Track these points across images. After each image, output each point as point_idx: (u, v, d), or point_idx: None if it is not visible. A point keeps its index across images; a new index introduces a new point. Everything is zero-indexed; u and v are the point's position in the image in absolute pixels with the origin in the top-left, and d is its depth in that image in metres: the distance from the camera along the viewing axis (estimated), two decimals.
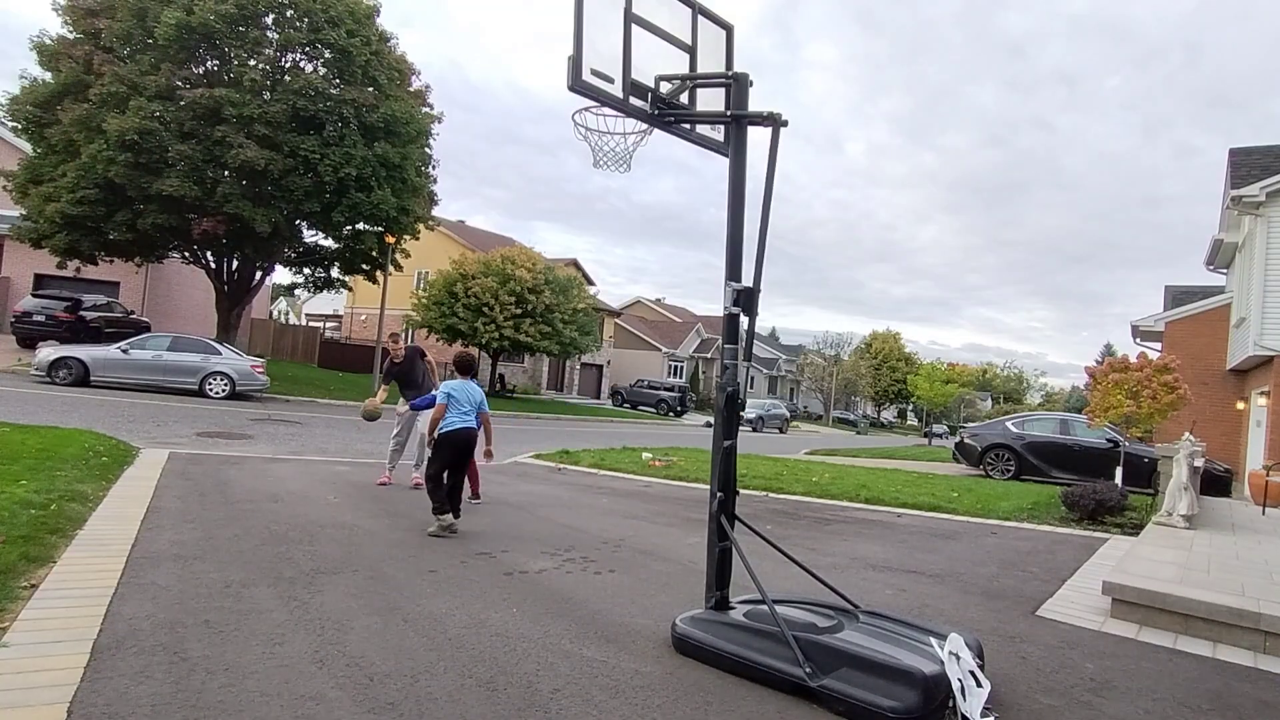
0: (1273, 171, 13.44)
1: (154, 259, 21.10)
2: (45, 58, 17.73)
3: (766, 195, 3.39)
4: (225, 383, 15.59)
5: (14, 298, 21.98)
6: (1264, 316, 12.80)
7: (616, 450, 12.71)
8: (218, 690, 2.51)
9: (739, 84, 3.54)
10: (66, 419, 9.58)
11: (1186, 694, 3.21)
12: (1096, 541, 6.70)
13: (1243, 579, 4.76)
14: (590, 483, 9.00)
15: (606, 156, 3.75)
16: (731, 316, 3.45)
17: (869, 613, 3.37)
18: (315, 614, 3.34)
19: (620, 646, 3.26)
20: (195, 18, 16.50)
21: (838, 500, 8.63)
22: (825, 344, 66.66)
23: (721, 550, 3.46)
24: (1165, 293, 21.03)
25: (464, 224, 41.91)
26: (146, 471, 6.56)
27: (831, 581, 3.67)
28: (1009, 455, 14.30)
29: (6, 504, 4.43)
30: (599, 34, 3.27)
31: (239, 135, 17.03)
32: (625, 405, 37.56)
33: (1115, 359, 10.73)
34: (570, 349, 28.22)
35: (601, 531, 5.83)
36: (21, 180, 18.26)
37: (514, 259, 26.61)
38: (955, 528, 7.25)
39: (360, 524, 5.36)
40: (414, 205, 20.54)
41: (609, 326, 42.90)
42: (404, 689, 2.64)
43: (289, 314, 61.28)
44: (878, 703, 2.64)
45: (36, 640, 2.80)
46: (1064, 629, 4.06)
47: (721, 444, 3.47)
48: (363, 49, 18.42)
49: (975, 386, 65.55)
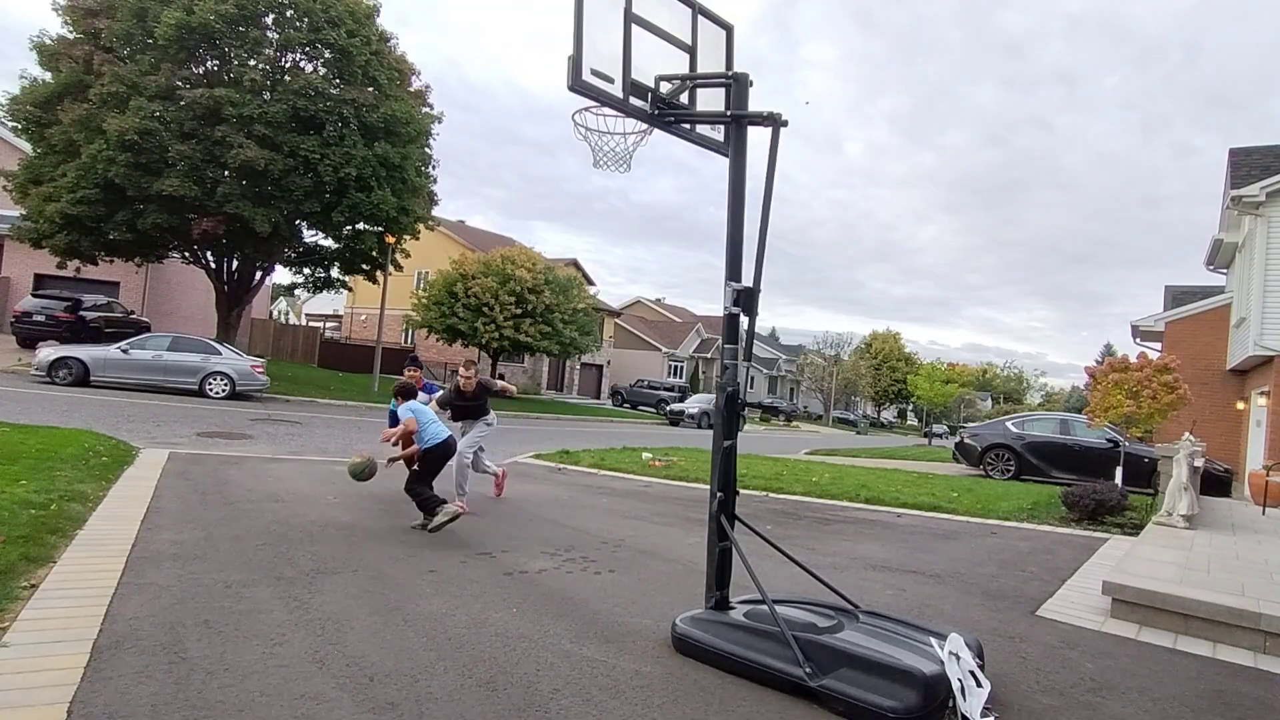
0: (1273, 171, 13.44)
1: (154, 259, 21.09)
2: (45, 58, 17.73)
3: (767, 195, 3.39)
4: (225, 383, 15.58)
5: (14, 298, 21.98)
6: (1264, 316, 12.80)
7: (616, 450, 12.71)
8: (218, 690, 2.51)
9: (739, 84, 3.54)
10: (66, 419, 9.58)
11: (1186, 694, 3.21)
12: (1096, 541, 6.70)
13: (1243, 579, 4.76)
14: (590, 483, 9.00)
15: (607, 156, 3.75)
16: (731, 316, 3.45)
17: (869, 613, 3.37)
18: (315, 614, 3.34)
19: (620, 646, 3.26)
20: (195, 18, 16.50)
21: (838, 500, 8.63)
22: (825, 344, 66.71)
23: (721, 550, 3.46)
24: (1165, 293, 21.03)
25: (464, 224, 41.94)
26: (146, 471, 6.56)
27: (831, 581, 3.67)
28: (1009, 455, 14.30)
29: (6, 504, 4.43)
30: (599, 34, 3.27)
31: (239, 135, 17.03)
32: (625, 405, 37.55)
33: (1115, 359, 10.73)
34: (570, 349, 28.22)
35: (601, 531, 5.83)
36: (21, 180, 18.26)
37: (514, 259, 26.61)
38: (955, 528, 7.25)
39: (360, 524, 5.36)
40: (414, 205, 20.55)
41: (609, 326, 42.92)
42: (404, 689, 2.64)
43: (289, 314, 61.29)
44: (878, 703, 2.64)
45: (36, 640, 2.80)
46: (1064, 629, 4.06)
47: (721, 444, 3.47)
48: (363, 49, 18.42)
49: (975, 386, 65.57)
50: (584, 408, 31.39)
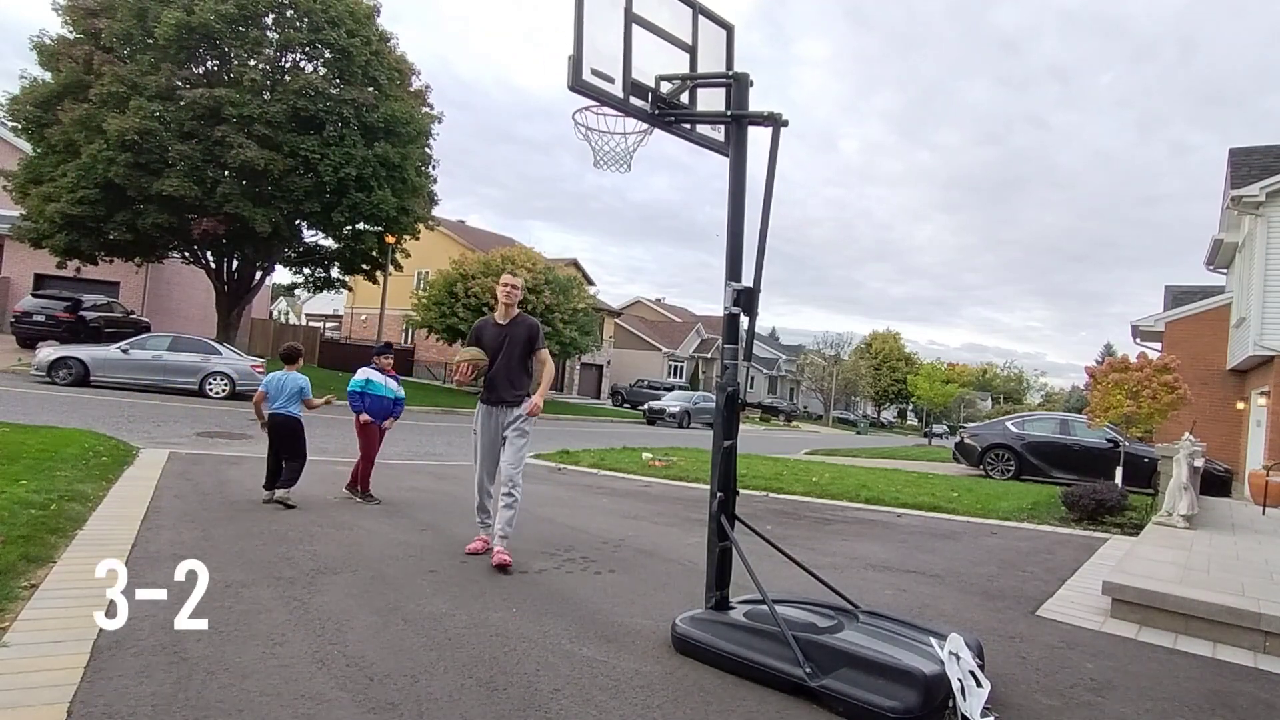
0: (1273, 171, 13.44)
1: (154, 259, 21.11)
2: (45, 58, 17.75)
3: (767, 195, 3.39)
4: (225, 383, 15.59)
5: (14, 298, 21.99)
6: (1264, 316, 12.80)
7: (616, 450, 12.70)
8: (218, 690, 2.51)
9: (739, 84, 3.53)
10: (66, 419, 9.57)
11: (1186, 694, 3.21)
12: (1096, 541, 6.69)
13: (1243, 579, 4.75)
14: (590, 483, 9.00)
15: (607, 156, 3.74)
16: (731, 316, 3.45)
17: (869, 613, 3.37)
18: (315, 614, 3.34)
19: (620, 646, 3.25)
20: (195, 18, 16.52)
21: (838, 500, 8.62)
22: (825, 344, 66.69)
23: (721, 550, 3.46)
24: (1165, 293, 21.04)
25: (464, 224, 41.94)
26: (146, 471, 6.55)
27: (831, 581, 3.67)
28: (1009, 455, 14.30)
29: (6, 504, 4.43)
30: (599, 34, 3.27)
31: (239, 135, 17.04)
32: (625, 405, 37.55)
33: (1115, 359, 10.73)
34: (570, 349, 28.20)
35: (601, 531, 5.83)
36: (21, 180, 18.27)
37: (514, 259, 26.60)
38: (955, 528, 7.24)
39: (360, 524, 5.36)
40: (414, 205, 20.57)
41: (609, 326, 42.90)
42: (404, 689, 2.64)
43: (289, 314, 61.29)
44: (878, 703, 2.64)
45: (36, 640, 2.79)
46: (1064, 629, 4.06)
47: (721, 444, 3.47)
48: (363, 49, 18.44)
49: (975, 386, 65.60)
50: (584, 408, 31.39)
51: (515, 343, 4.62)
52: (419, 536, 5.12)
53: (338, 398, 6.67)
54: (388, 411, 6.47)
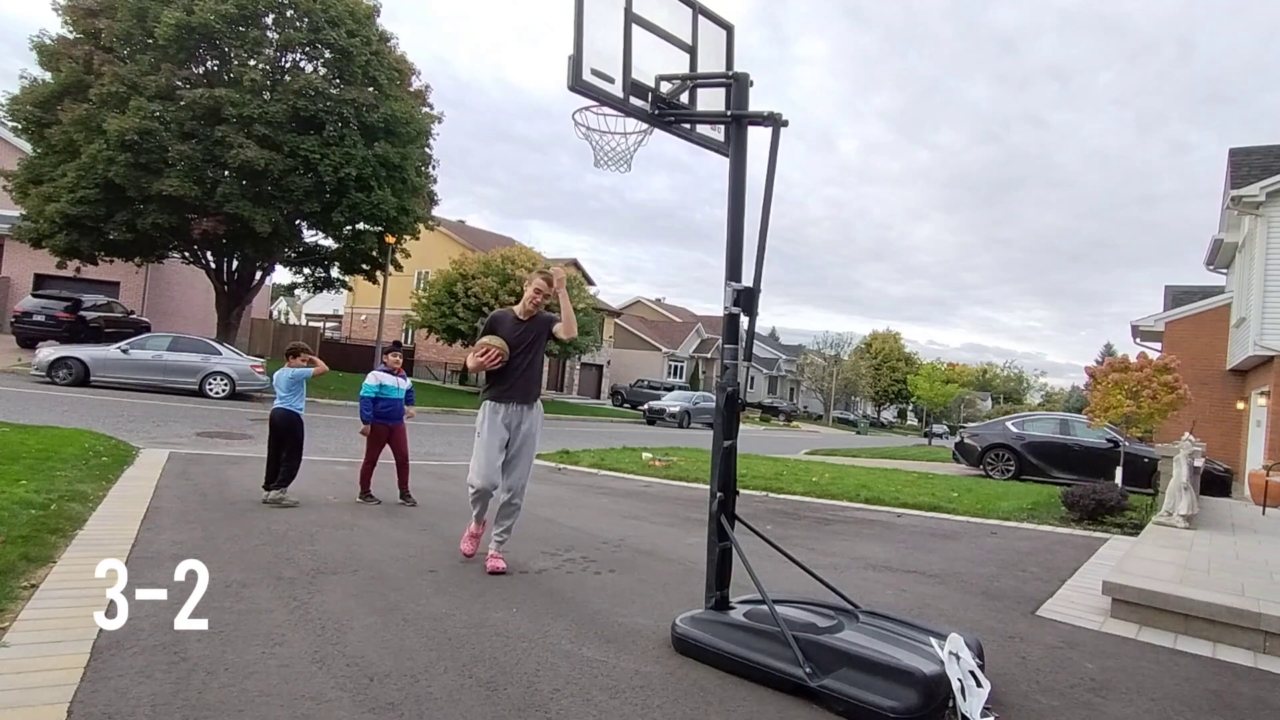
0: (1273, 171, 13.44)
1: (154, 259, 21.10)
2: (45, 58, 17.74)
3: (767, 195, 3.38)
4: (225, 383, 15.59)
5: (14, 298, 21.99)
6: (1264, 316, 12.80)
7: (616, 450, 12.70)
8: (218, 690, 2.51)
9: (739, 84, 3.53)
10: (66, 419, 9.58)
11: (1186, 694, 3.21)
12: (1096, 541, 6.69)
13: (1243, 579, 4.75)
14: (590, 483, 9.00)
15: (607, 156, 3.74)
16: (731, 316, 3.45)
17: (869, 613, 3.37)
18: (315, 614, 3.34)
19: (620, 646, 3.25)
20: (195, 18, 16.52)
21: (838, 500, 8.62)
22: (825, 344, 66.67)
23: (721, 550, 3.46)
24: (1165, 293, 21.04)
25: (464, 224, 41.96)
26: (146, 471, 6.55)
27: (831, 581, 3.67)
28: (1009, 455, 14.30)
29: (6, 504, 4.43)
30: (599, 33, 3.27)
31: (239, 135, 17.04)
32: (626, 405, 37.55)
33: (1115, 359, 10.74)
34: (570, 349, 28.23)
35: (601, 531, 5.83)
36: (21, 180, 18.26)
37: (514, 259, 26.62)
38: (955, 528, 7.24)
39: (360, 524, 5.36)
40: (414, 205, 20.56)
41: (609, 326, 42.90)
42: (404, 689, 2.64)
43: (289, 314, 61.28)
44: (878, 703, 2.64)
45: (36, 640, 2.79)
46: (1064, 629, 4.06)
47: (721, 444, 3.47)
48: (363, 49, 18.44)
49: (975, 386, 65.63)
50: (584, 408, 31.39)
51: (538, 340, 4.47)
52: (419, 536, 5.12)
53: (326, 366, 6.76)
54: (401, 411, 6.48)
